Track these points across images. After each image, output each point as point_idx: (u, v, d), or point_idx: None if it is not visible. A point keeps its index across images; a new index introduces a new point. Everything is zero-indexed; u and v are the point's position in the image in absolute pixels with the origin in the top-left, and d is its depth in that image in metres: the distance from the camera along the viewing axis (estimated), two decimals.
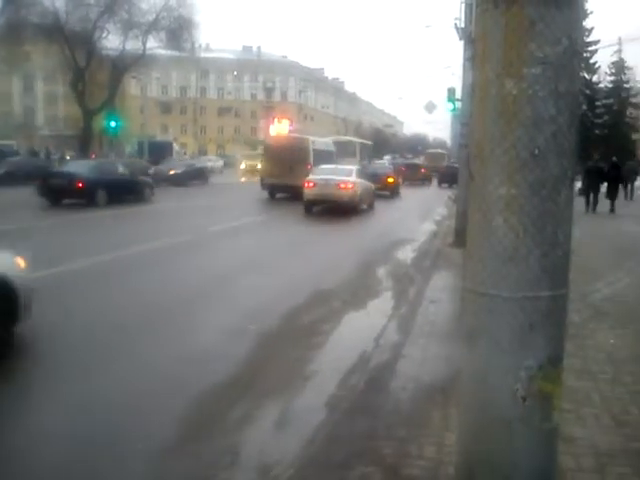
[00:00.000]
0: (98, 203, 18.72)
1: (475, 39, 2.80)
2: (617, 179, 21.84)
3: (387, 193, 27.15)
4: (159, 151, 37.66)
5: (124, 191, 20.65)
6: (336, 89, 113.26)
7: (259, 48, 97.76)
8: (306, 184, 19.48)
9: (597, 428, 3.98)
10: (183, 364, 5.44)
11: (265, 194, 24.68)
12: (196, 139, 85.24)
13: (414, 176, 41.25)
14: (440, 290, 8.29)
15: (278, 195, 24.54)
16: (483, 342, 2.70)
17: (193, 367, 5.36)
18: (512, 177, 2.57)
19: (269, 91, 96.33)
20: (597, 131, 55.40)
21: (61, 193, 18.96)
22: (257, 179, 26.16)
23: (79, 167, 20.89)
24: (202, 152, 68.33)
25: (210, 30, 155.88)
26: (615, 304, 7.42)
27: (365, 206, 20.89)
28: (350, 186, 19.35)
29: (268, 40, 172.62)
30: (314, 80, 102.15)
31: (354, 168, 22.18)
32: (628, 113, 60.77)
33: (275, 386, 5.03)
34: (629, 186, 27.26)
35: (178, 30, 40.89)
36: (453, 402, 4.06)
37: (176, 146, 44.36)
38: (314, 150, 25.48)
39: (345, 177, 19.77)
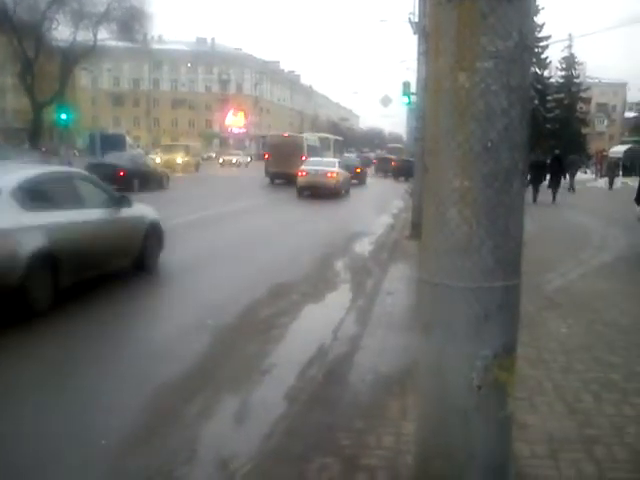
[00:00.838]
0: (133, 189, 20.92)
1: (428, 33, 2.84)
2: (559, 172, 23.09)
3: (356, 181, 31.82)
4: (111, 144, 36.97)
5: (149, 179, 24.05)
6: (292, 82, 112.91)
7: (213, 40, 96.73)
8: (299, 173, 24.38)
9: (550, 415, 4.08)
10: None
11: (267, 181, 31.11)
12: (149, 132, 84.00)
13: (385, 168, 44.99)
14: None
15: (277, 181, 30.28)
16: (439, 332, 2.74)
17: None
18: (466, 170, 2.61)
19: (224, 83, 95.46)
20: (549, 125, 56.52)
21: (105, 180, 19.74)
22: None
23: (117, 159, 24.18)
24: (156, 145, 67.37)
25: (163, 21, 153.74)
26: (567, 294, 7.61)
27: (344, 192, 25.59)
28: (334, 175, 24.37)
29: (222, 32, 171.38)
30: (270, 73, 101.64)
31: (337, 160, 28.70)
32: (578, 108, 62.21)
33: (233, 379, 5.01)
34: (571, 178, 28.52)
35: (130, 21, 40.12)
36: (411, 392, 4.12)
37: (129, 139, 43.50)
38: (307, 146, 32.14)
39: (330, 168, 25.00)
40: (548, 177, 22.96)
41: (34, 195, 6.91)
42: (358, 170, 34.26)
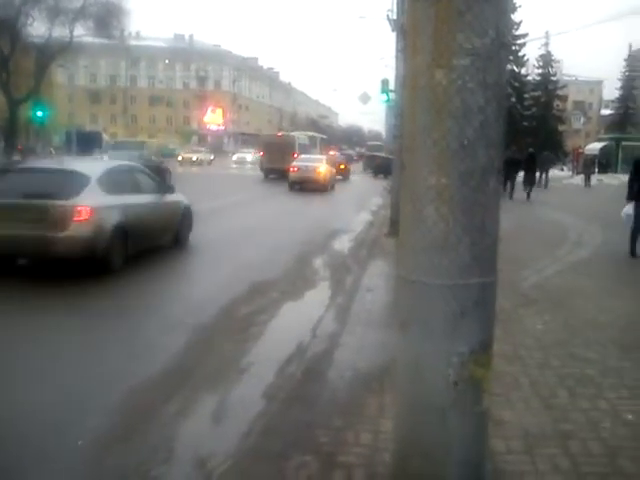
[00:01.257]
0: None
1: (406, 30, 2.84)
2: (533, 169, 23.88)
3: (341, 177, 34.05)
4: (88, 141, 36.54)
5: (155, 174, 23.21)
6: (271, 79, 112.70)
7: (191, 36, 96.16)
8: (291, 169, 27.16)
9: (526, 411, 4.11)
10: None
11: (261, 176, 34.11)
12: (127, 129, 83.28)
13: (372, 165, 45.55)
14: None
15: (270, 176, 32.97)
16: (416, 329, 2.75)
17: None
18: (442, 167, 2.61)
19: (202, 80, 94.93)
20: (526, 123, 57.07)
21: None
22: None
23: (128, 156, 24.22)
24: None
25: (141, 18, 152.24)
26: (542, 291, 7.68)
27: (330, 187, 27.68)
28: (322, 171, 27.09)
29: (200, 28, 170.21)
30: (248, 69, 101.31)
31: (324, 157, 31.65)
32: (555, 105, 62.85)
33: (212, 378, 4.98)
34: (544, 175, 29.19)
35: (107, 17, 39.65)
36: (389, 389, 4.12)
37: (106, 136, 43.00)
38: (298, 144, 35.66)
39: (319, 164, 27.84)
40: (522, 174, 23.61)
41: (111, 182, 8.95)
42: (342, 167, 36.48)
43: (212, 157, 57.39)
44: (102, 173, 8.97)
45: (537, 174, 26.06)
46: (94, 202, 8.26)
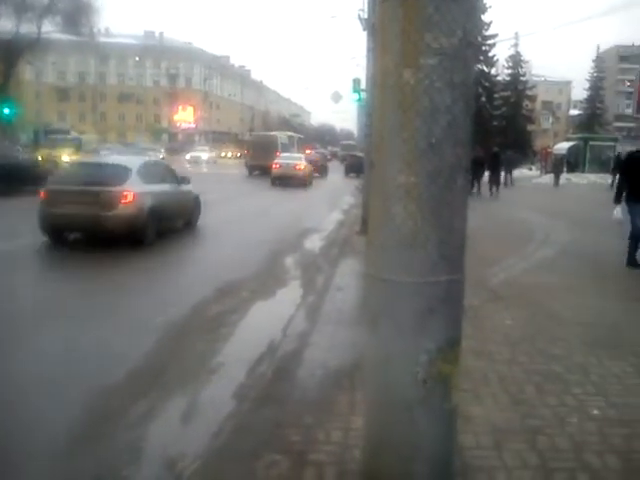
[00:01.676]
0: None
1: (375, 29, 2.85)
2: (497, 168, 24.96)
3: (318, 175, 36.84)
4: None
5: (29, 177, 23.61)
6: (242, 77, 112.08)
7: (162, 34, 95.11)
8: (273, 165, 30.02)
9: (495, 407, 4.16)
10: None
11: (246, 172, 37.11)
12: (95, 127, 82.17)
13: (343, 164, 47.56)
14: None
15: (254, 172, 35.94)
16: (385, 327, 2.76)
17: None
18: (411, 166, 2.63)
19: (172, 78, 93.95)
20: (495, 122, 57.68)
21: None
22: None
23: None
24: (102, 140, 65.65)
25: (110, 14, 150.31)
26: (510, 288, 7.77)
27: (308, 183, 30.28)
28: (302, 168, 30.16)
29: (171, 26, 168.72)
30: (219, 67, 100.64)
31: (302, 156, 34.78)
32: (524, 105, 63.63)
33: (181, 378, 4.95)
34: (509, 174, 29.90)
35: (75, 14, 39.14)
36: (360, 387, 4.14)
37: (74, 134, 42.36)
38: (280, 143, 38.65)
39: (299, 162, 30.92)
40: (487, 173, 24.35)
41: (145, 173, 11.34)
42: (319, 164, 39.77)
43: (161, 156, 47.74)
44: (139, 166, 11.46)
45: (502, 173, 26.88)
46: (135, 189, 10.57)
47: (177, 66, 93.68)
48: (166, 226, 11.80)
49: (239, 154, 69.68)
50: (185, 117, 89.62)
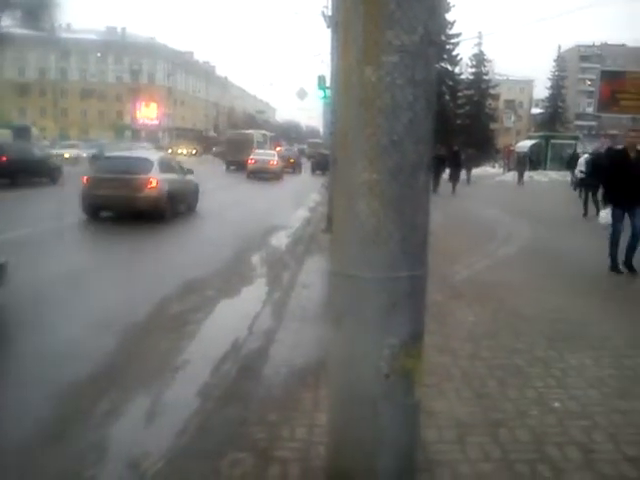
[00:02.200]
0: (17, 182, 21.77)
1: (338, 26, 2.85)
2: (458, 165, 26.01)
3: (291, 170, 41.01)
4: (15, 136, 35.25)
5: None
6: (207, 73, 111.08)
7: (124, 29, 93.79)
8: (249, 161, 33.53)
9: (458, 401, 4.21)
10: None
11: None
12: (56, 123, 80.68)
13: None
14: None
15: (231, 167, 39.10)
16: (349, 323, 2.77)
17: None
18: (373, 163, 2.64)
19: (135, 74, 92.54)
20: (459, 121, 58.24)
21: None
22: None
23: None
24: (64, 137, 64.34)
25: (72, 9, 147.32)
26: (473, 284, 7.87)
27: (280, 178, 33.56)
28: (275, 163, 33.79)
29: (134, 21, 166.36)
30: (183, 63, 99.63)
31: (276, 152, 38.32)
32: (487, 104, 64.40)
33: (145, 378, 4.89)
34: (468, 172, 30.88)
35: (35, 8, 38.27)
36: (324, 384, 4.14)
37: (35, 130, 41.53)
38: (256, 141, 43.23)
39: (272, 157, 34.63)
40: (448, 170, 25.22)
41: (162, 165, 14.52)
42: (292, 160, 43.21)
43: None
44: (158, 159, 14.90)
45: (462, 170, 27.76)
46: (157, 176, 13.66)
47: (140, 62, 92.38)
48: (177, 208, 14.70)
49: (195, 151, 69.08)
50: (148, 113, 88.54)
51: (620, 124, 72.36)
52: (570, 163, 29.05)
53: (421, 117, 2.65)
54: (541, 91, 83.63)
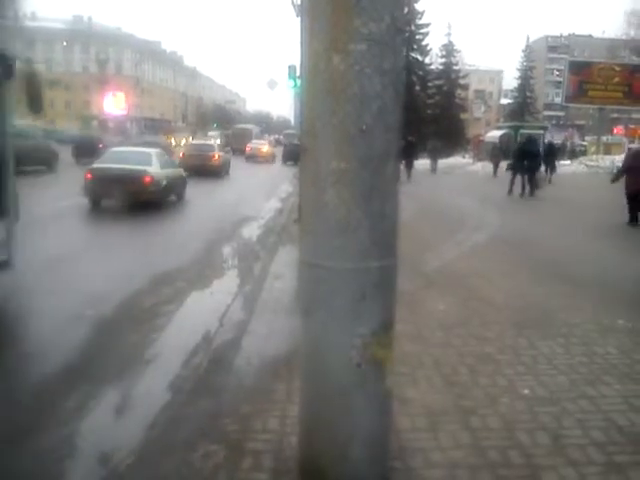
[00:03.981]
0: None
1: (304, 13, 2.82)
2: (412, 155, 26.95)
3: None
4: None
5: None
6: (175, 63, 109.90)
7: (90, 18, 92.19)
8: (247, 148, 43.28)
9: (430, 389, 4.23)
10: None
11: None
12: (20, 113, 78.98)
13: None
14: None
15: (235, 153, 42.67)
16: (319, 313, 2.77)
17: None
18: (342, 152, 2.63)
19: (102, 63, 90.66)
20: (429, 111, 58.46)
21: None
22: None
23: None
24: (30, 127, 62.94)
25: None
26: (443, 273, 7.91)
27: (271, 160, 41.85)
28: (266, 150, 43.68)
29: (100, 10, 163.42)
30: (151, 53, 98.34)
31: (267, 141, 51.94)
32: (457, 94, 64.69)
33: (115, 371, 4.83)
34: (432, 162, 32.59)
35: None
36: (297, 374, 4.13)
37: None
38: (253, 133, 56.08)
39: (264, 146, 44.99)
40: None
41: (160, 160, 16.02)
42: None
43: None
44: (155, 154, 16.25)
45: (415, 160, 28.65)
46: (157, 170, 15.15)
47: (106, 51, 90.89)
48: (170, 197, 16.29)
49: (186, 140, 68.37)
50: (116, 104, 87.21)
51: (587, 114, 73.61)
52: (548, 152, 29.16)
53: (390, 106, 2.65)
54: (510, 81, 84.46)
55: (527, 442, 3.53)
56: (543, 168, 22.80)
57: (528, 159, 19.22)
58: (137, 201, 13.98)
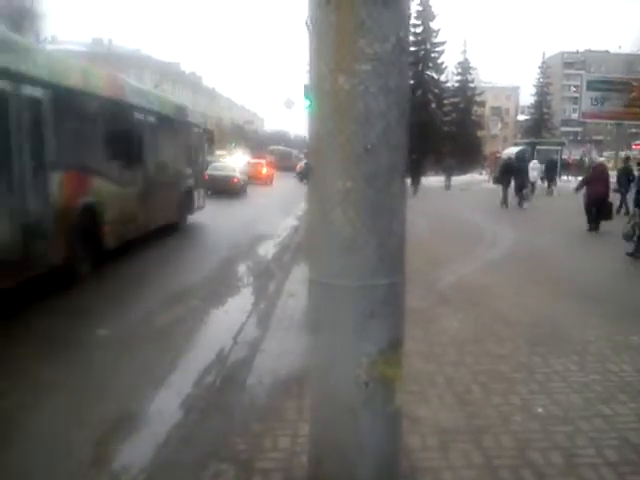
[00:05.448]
0: None
1: (309, 34, 2.86)
2: (418, 172, 28.13)
3: None
4: None
5: None
6: (194, 83, 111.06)
7: (110, 41, 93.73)
8: (297, 166, 45.02)
9: (441, 408, 4.20)
10: None
11: None
12: None
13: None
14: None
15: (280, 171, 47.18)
16: (327, 331, 2.77)
17: None
18: (348, 171, 2.64)
19: None
20: (446, 128, 58.52)
21: None
22: None
23: None
24: None
25: (57, 21, 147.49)
26: (457, 290, 7.87)
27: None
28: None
29: (120, 32, 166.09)
30: (170, 74, 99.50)
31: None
32: (473, 111, 64.72)
33: (128, 389, 4.86)
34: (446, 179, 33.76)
35: (19, 20, 38.16)
36: (308, 392, 4.13)
37: None
38: (293, 155, 62.07)
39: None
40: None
41: (238, 169, 29.18)
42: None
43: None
44: (237, 167, 27.07)
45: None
46: (239, 175, 27.82)
47: (127, 73, 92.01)
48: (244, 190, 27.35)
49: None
50: None
51: (605, 130, 73.18)
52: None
53: (395, 125, 2.66)
54: (527, 98, 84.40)
55: (540, 461, 3.49)
56: (539, 182, 26.85)
57: (514, 174, 21.28)
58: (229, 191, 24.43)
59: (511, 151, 49.46)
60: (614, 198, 15.90)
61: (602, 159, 32.41)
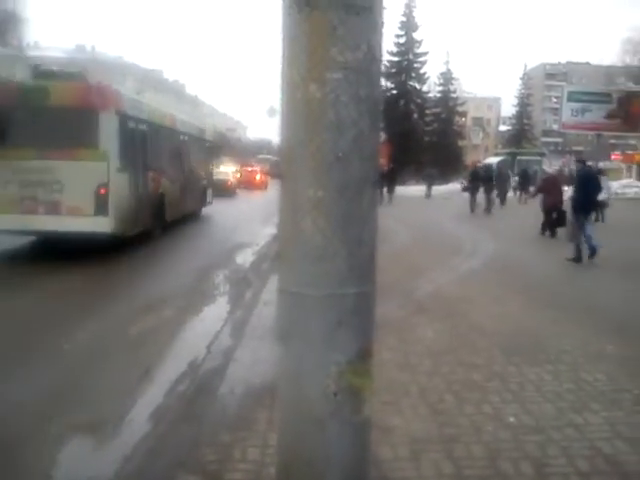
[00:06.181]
0: None
1: (281, 42, 2.84)
2: (393, 181, 29.03)
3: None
4: None
5: None
6: (177, 91, 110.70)
7: (93, 47, 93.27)
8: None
9: (414, 417, 4.19)
10: None
11: None
12: None
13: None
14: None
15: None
16: (296, 341, 2.73)
17: None
18: (319, 179, 2.62)
19: None
20: (427, 138, 58.90)
21: None
22: None
23: None
24: None
25: (40, 27, 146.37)
26: (434, 300, 7.86)
27: None
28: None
29: (103, 39, 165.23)
30: (152, 81, 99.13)
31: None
32: (455, 121, 65.24)
33: (100, 400, 4.78)
34: (427, 188, 34.69)
35: (2, 25, 37.87)
36: (279, 403, 4.09)
37: None
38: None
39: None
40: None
41: (232, 174, 36.49)
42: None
43: None
44: (230, 172, 34.74)
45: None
46: (231, 178, 35.47)
47: (109, 80, 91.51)
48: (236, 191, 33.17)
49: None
50: None
51: (586, 140, 74.10)
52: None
53: (366, 134, 2.65)
54: (509, 109, 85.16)
55: (510, 471, 3.49)
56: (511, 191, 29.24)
57: (482, 182, 23.67)
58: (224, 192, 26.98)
59: (492, 161, 50.03)
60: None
61: (557, 169, 34.31)
